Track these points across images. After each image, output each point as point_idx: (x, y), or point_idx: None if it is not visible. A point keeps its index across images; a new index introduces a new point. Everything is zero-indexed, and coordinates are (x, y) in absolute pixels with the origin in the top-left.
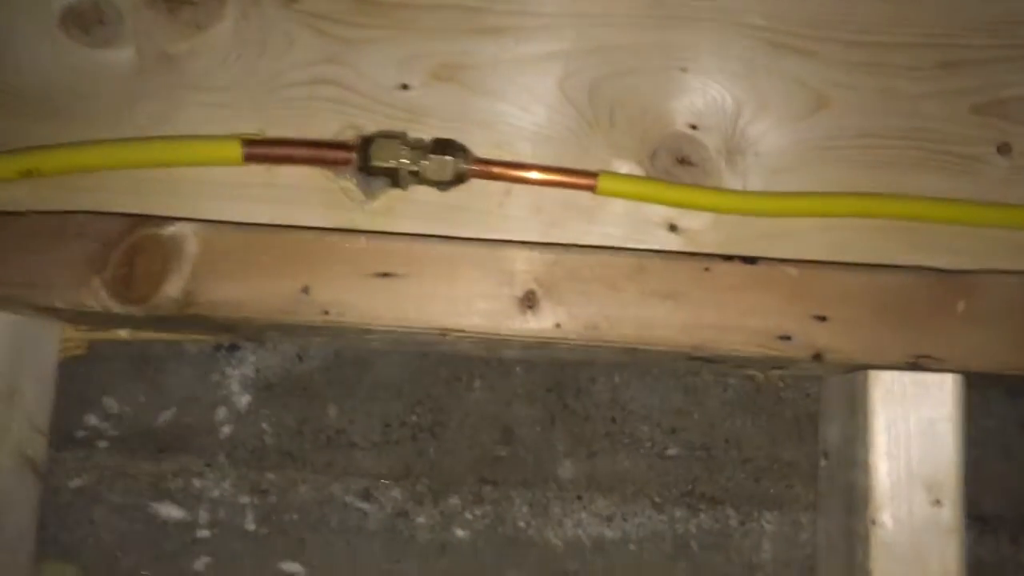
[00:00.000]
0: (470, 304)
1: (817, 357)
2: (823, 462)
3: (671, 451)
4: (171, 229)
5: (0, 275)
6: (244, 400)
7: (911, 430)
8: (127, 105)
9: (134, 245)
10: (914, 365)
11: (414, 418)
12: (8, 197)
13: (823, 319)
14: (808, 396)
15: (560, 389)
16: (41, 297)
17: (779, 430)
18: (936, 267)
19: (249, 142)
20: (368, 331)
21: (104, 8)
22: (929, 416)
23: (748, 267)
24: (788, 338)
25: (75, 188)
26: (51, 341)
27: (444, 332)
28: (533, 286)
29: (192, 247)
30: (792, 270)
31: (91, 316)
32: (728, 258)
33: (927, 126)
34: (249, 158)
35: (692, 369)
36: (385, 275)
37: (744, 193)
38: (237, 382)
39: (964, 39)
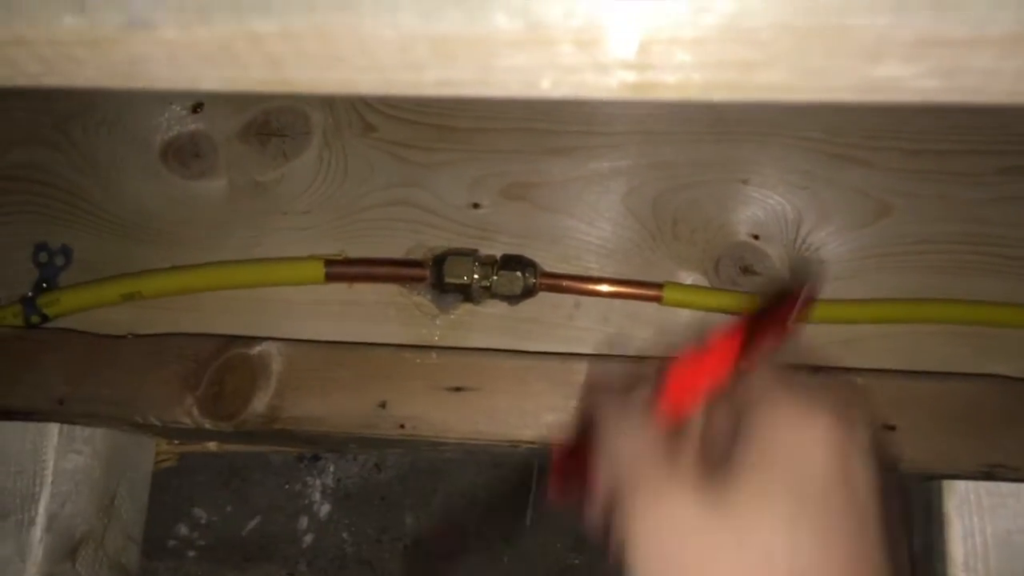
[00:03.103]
0: (538, 416)
1: (887, 467)
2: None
3: None
4: (258, 348)
5: (103, 395)
6: (325, 509)
7: (988, 542)
8: (220, 231)
9: (225, 364)
10: (988, 475)
11: (488, 526)
12: (112, 319)
13: (892, 428)
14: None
15: None
16: (140, 415)
17: None
18: (1005, 375)
19: (330, 262)
20: (442, 443)
21: (200, 142)
22: (1006, 527)
23: (812, 376)
24: None
25: (172, 309)
26: (146, 454)
27: (515, 444)
28: None
29: (278, 365)
30: (859, 379)
31: (183, 431)
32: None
33: (988, 231)
34: (331, 277)
35: None
36: (458, 389)
37: None
38: (319, 492)
39: (1023, 145)
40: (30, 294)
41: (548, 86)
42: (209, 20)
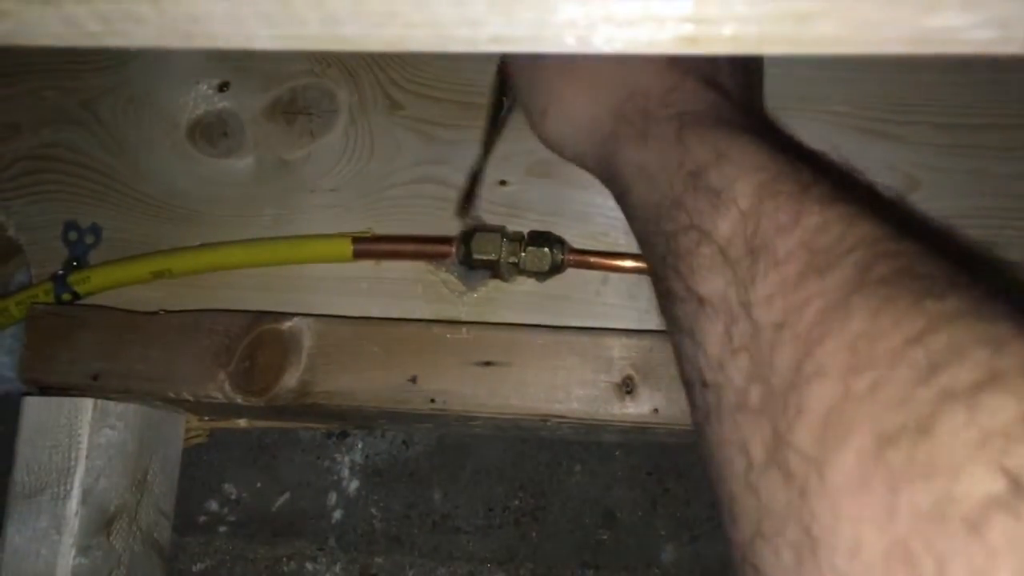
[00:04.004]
0: (569, 391)
1: None
2: None
3: None
4: (289, 324)
5: (136, 370)
6: (353, 486)
7: None
8: (248, 209)
9: (256, 339)
10: None
11: (516, 502)
12: (142, 297)
13: None
14: None
15: (660, 472)
16: (172, 390)
17: None
18: None
19: (358, 239)
20: (472, 418)
21: (227, 121)
22: None
23: None
24: None
25: (202, 286)
26: (177, 430)
27: (545, 418)
28: (631, 372)
29: (308, 340)
30: None
31: (215, 407)
32: None
33: (1020, 206)
34: (358, 255)
35: None
36: (488, 364)
37: None
38: (347, 468)
39: None
40: (60, 272)
41: (601, 42)
42: None
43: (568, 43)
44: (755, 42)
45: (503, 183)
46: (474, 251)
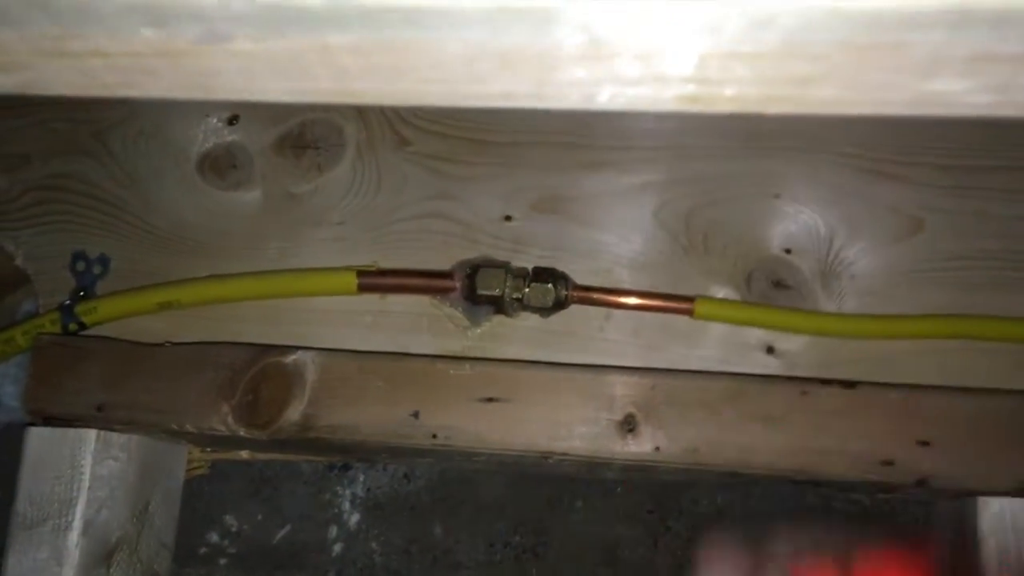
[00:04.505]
0: (571, 428)
1: (921, 483)
2: None
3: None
4: (293, 357)
5: (140, 402)
6: (354, 519)
7: (1023, 559)
8: (256, 241)
9: (260, 373)
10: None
11: (517, 538)
12: (149, 328)
13: (927, 444)
14: (917, 520)
15: (662, 510)
16: (176, 422)
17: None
18: None
19: (363, 273)
20: (474, 454)
21: (236, 154)
22: None
23: (848, 391)
24: (891, 463)
25: (208, 318)
26: (179, 461)
27: (546, 455)
28: (632, 410)
29: (312, 374)
30: (893, 394)
31: (217, 439)
32: (826, 382)
33: (1022, 248)
34: (363, 288)
35: (795, 491)
36: (490, 400)
37: (843, 316)
38: (348, 501)
39: None
40: (68, 302)
41: (606, 99)
42: (283, 33)
43: (574, 100)
44: (757, 103)
45: (508, 219)
46: (478, 287)
